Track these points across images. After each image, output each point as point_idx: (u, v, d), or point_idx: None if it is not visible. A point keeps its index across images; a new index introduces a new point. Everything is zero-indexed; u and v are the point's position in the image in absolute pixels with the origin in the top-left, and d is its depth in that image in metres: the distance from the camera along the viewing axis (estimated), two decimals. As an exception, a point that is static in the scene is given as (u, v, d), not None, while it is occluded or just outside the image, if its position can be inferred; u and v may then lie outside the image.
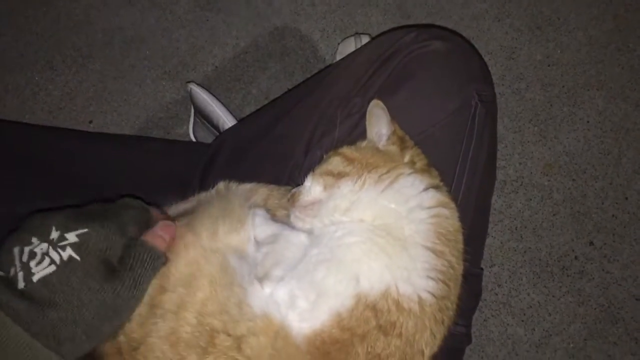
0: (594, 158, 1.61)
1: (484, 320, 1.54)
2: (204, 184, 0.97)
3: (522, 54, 1.68)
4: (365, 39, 1.53)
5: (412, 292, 0.63)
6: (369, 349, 0.60)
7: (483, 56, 0.93)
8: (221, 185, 0.88)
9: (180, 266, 0.65)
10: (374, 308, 0.61)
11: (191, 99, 1.52)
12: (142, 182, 1.02)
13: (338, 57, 1.53)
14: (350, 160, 0.74)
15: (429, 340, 0.64)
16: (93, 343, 0.58)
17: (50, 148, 0.97)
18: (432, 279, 0.64)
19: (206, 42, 1.70)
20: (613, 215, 1.57)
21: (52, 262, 0.57)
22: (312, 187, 0.74)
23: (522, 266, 1.56)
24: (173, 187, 0.99)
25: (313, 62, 1.68)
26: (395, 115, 0.79)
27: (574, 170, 1.60)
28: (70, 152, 0.99)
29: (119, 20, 1.72)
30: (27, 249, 0.59)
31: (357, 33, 1.58)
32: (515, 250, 1.57)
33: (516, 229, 1.58)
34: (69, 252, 0.58)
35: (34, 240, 0.59)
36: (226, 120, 1.45)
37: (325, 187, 0.72)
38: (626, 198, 1.58)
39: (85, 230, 0.60)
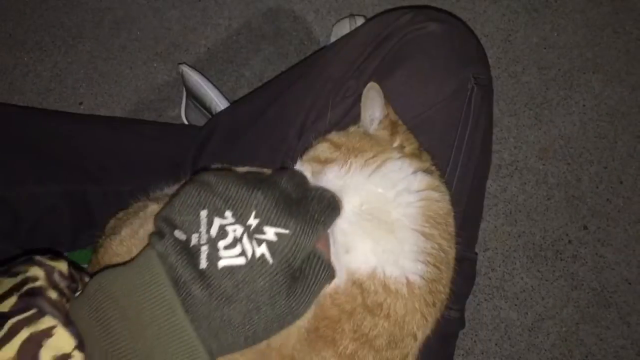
0: (590, 142, 1.60)
1: (477, 304, 1.54)
2: (197, 167, 0.97)
3: (519, 36, 1.66)
4: (360, 21, 1.51)
5: (399, 274, 0.62)
6: (355, 327, 0.60)
7: (479, 39, 0.92)
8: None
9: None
10: (360, 286, 0.61)
11: (183, 81, 1.51)
12: (134, 165, 1.01)
13: (332, 39, 1.51)
14: (337, 146, 0.73)
15: (421, 323, 0.64)
16: (242, 349, 0.54)
17: (40, 130, 0.96)
18: (421, 262, 0.64)
19: (198, 23, 1.68)
20: (607, 200, 1.57)
21: (243, 253, 0.52)
22: None
23: (516, 250, 1.56)
24: (165, 170, 0.98)
25: (307, 44, 1.66)
26: (390, 99, 0.78)
27: (569, 154, 1.59)
28: (61, 134, 0.98)
29: (109, 0, 1.69)
30: (217, 221, 0.54)
31: (352, 14, 1.56)
32: (509, 234, 1.57)
33: (510, 213, 1.58)
34: (263, 250, 0.53)
35: (228, 214, 0.54)
36: (219, 103, 1.44)
37: (313, 174, 0.71)
38: (621, 182, 1.57)
39: (286, 231, 0.54)
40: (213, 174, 0.58)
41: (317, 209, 0.58)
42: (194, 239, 0.53)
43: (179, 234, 0.54)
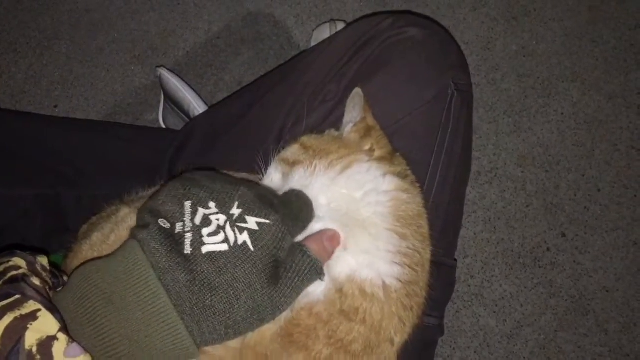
0: (568, 150, 1.61)
1: (456, 311, 1.54)
2: (173, 172, 0.95)
3: (498, 44, 1.67)
4: (340, 26, 1.51)
5: (375, 276, 0.61)
6: (331, 333, 0.59)
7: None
8: (190, 173, 0.85)
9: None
10: (341, 290, 0.60)
11: (161, 84, 1.49)
12: (109, 169, 1.00)
13: (313, 44, 1.50)
14: (306, 148, 0.73)
15: (399, 328, 0.63)
16: (223, 340, 0.54)
17: (12, 133, 0.94)
18: (397, 263, 0.63)
19: (177, 26, 1.66)
20: (585, 207, 1.58)
21: (226, 240, 0.54)
22: (273, 175, 0.73)
23: (495, 257, 1.56)
24: (141, 173, 0.96)
25: (287, 48, 1.65)
26: (370, 103, 0.77)
27: (548, 162, 1.60)
28: (34, 137, 0.96)
29: (86, 1, 1.67)
30: (201, 211, 0.55)
31: (332, 19, 1.56)
32: (488, 242, 1.57)
33: (489, 220, 1.58)
34: (245, 238, 0.54)
35: (212, 205, 0.56)
36: (197, 107, 1.42)
37: (283, 175, 0.71)
38: (598, 190, 1.59)
39: (268, 221, 0.56)
40: (198, 172, 0.61)
41: (296, 205, 0.61)
42: (178, 227, 0.54)
43: (163, 223, 0.54)
